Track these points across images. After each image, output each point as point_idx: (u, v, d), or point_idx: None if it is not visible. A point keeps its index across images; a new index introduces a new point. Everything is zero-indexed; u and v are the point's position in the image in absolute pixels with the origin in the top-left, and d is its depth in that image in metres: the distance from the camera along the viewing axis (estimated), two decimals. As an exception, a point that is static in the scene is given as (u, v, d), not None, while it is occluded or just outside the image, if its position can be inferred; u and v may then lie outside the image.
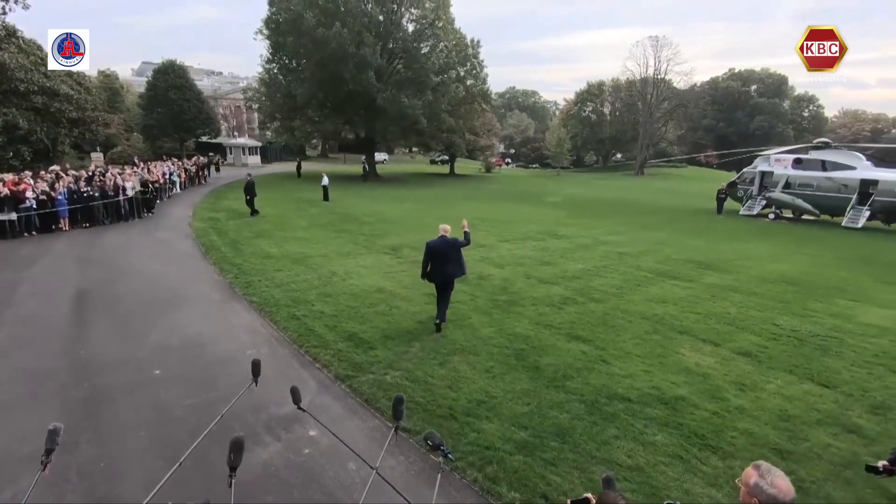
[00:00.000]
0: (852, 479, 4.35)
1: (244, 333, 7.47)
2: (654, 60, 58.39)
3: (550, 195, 31.47)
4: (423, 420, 5.09)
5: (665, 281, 10.96)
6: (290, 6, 33.04)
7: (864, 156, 24.04)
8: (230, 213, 18.69)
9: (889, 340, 7.76)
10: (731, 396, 5.78)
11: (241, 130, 58.13)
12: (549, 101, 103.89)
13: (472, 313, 8.35)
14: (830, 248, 16.52)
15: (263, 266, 11.00)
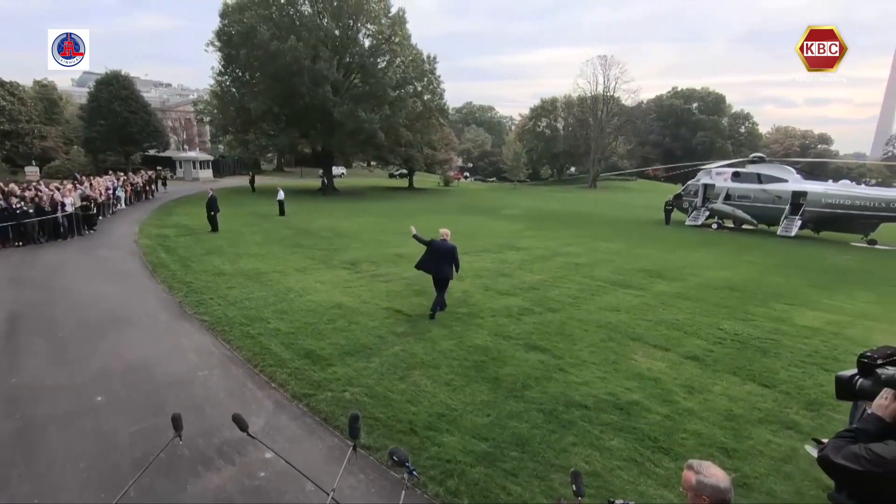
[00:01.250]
0: (791, 472, 4.62)
1: (195, 354, 7.16)
2: (604, 78, 61.17)
3: (508, 208, 32.05)
4: (384, 436, 5.03)
5: (618, 290, 11.35)
6: (242, 19, 32.50)
7: (794, 169, 25.95)
8: (180, 229, 17.97)
9: (820, 341, 8.33)
10: (680, 399, 6.03)
11: (191, 144, 56.16)
12: (505, 117, 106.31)
13: (432, 326, 8.36)
14: (767, 256, 17.61)
15: (216, 284, 10.62)
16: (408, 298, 10.00)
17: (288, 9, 34.47)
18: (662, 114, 77.61)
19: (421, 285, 11.00)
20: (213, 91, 37.79)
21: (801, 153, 73.30)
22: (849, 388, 2.00)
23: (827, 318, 9.76)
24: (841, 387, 2.08)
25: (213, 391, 6.04)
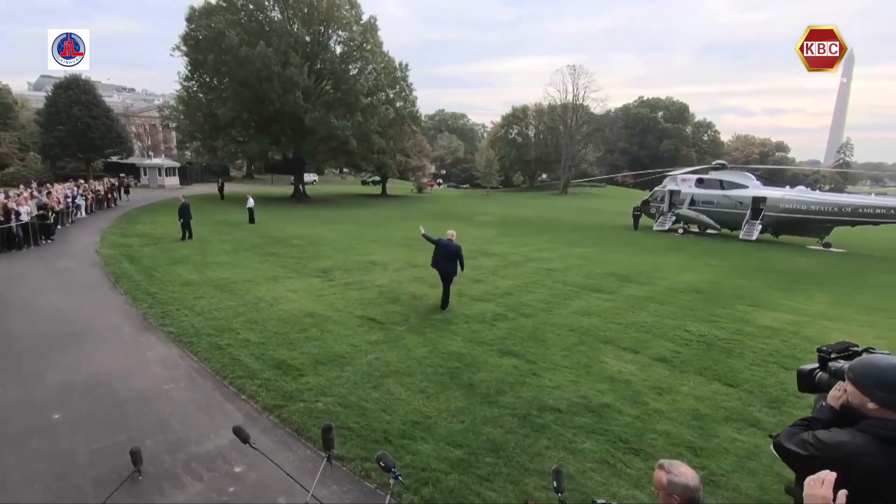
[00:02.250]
0: (755, 468, 4.78)
1: (160, 367, 6.93)
2: (573, 87, 62.42)
3: (481, 214, 32.27)
4: (357, 446, 4.97)
5: (590, 294, 11.55)
6: (210, 23, 31.93)
7: (754, 176, 26.99)
8: (145, 238, 17.41)
9: (780, 340, 8.66)
10: (650, 400, 6.17)
11: (156, 150, 54.61)
12: (477, 124, 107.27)
13: (407, 334, 8.32)
14: (731, 259, 18.24)
15: (182, 294, 10.32)
16: (381, 306, 9.93)
17: (257, 14, 34.07)
18: (630, 122, 79.83)
19: (394, 293, 10.97)
20: (179, 96, 36.92)
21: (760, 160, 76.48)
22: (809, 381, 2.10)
23: (786, 319, 10.15)
24: (802, 380, 2.18)
25: (180, 405, 5.86)
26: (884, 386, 1.69)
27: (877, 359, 1.80)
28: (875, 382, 1.71)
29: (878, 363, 1.76)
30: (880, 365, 1.74)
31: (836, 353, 2.05)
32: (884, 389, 1.69)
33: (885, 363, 1.74)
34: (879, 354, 1.88)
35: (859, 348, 2.04)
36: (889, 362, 1.73)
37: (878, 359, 1.80)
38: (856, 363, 1.84)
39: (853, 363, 1.86)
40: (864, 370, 1.77)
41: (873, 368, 1.74)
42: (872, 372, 1.74)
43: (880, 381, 1.70)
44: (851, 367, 1.83)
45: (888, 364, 1.72)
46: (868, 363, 1.79)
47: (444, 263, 9.68)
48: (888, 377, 1.69)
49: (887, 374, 1.69)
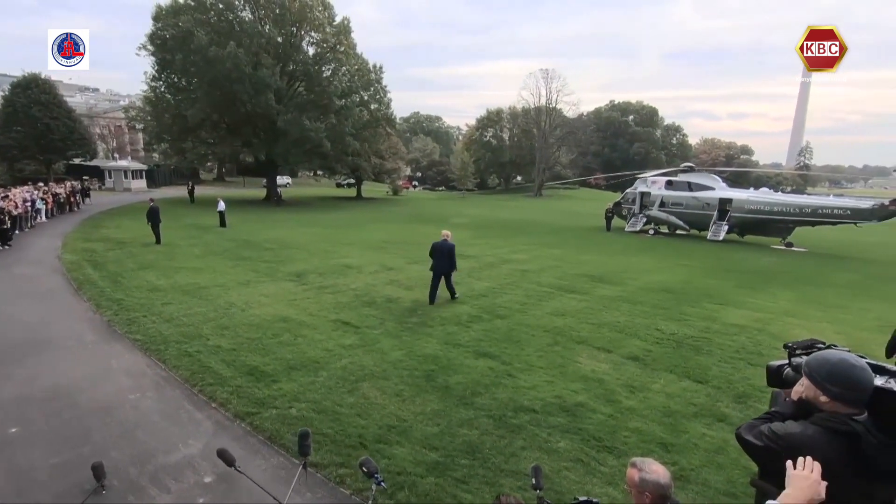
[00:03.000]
0: (723, 462, 4.91)
1: (125, 377, 6.69)
2: (546, 91, 63.20)
3: (456, 217, 32.35)
4: (332, 452, 4.90)
5: (564, 295, 11.69)
6: (177, 22, 31.14)
7: (720, 178, 27.84)
8: (110, 243, 16.83)
9: (746, 337, 8.95)
10: (623, 398, 6.28)
11: (122, 152, 52.91)
12: (452, 126, 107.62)
13: (382, 337, 8.26)
14: (699, 259, 18.75)
15: (149, 300, 10.01)
16: (356, 310, 9.84)
17: (227, 14, 33.45)
18: (601, 125, 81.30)
19: (369, 296, 10.88)
20: (146, 97, 35.90)
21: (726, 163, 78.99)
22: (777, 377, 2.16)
23: (752, 316, 10.49)
24: (771, 376, 2.25)
25: (146, 415, 5.67)
26: (834, 380, 1.75)
27: (830, 354, 1.86)
28: (826, 377, 1.78)
29: (830, 358, 1.81)
30: (832, 360, 1.80)
31: (802, 349, 2.13)
32: (834, 384, 1.75)
33: (836, 358, 1.80)
34: (835, 350, 1.95)
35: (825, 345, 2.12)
36: (840, 357, 1.79)
37: (831, 354, 1.86)
38: (811, 358, 1.90)
39: (809, 358, 1.92)
40: (817, 365, 1.83)
41: (825, 363, 1.80)
42: (824, 366, 1.80)
43: (831, 376, 1.76)
44: (807, 362, 1.90)
45: (839, 359, 1.78)
46: (821, 358, 1.85)
47: (440, 263, 10.34)
48: (838, 372, 1.75)
49: (837, 369, 1.75)
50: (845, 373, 1.74)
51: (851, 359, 1.77)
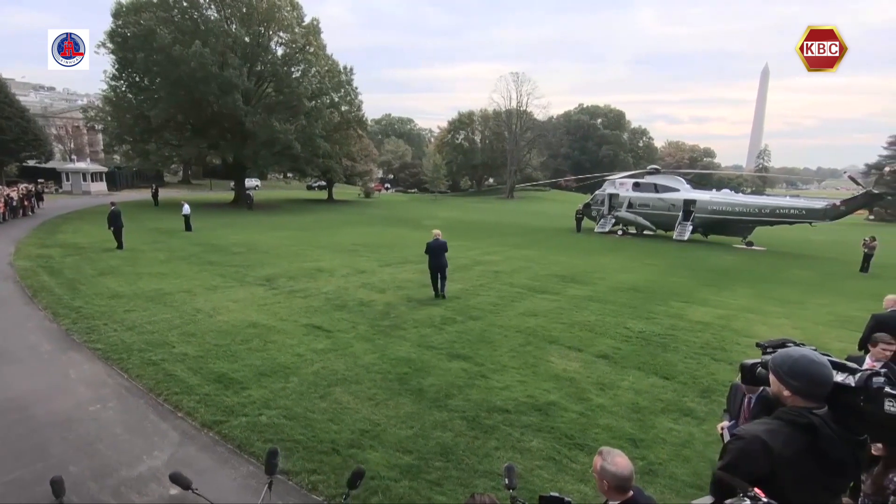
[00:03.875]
0: (689, 456, 5.06)
1: (85, 387, 6.42)
2: (517, 94, 64.03)
3: (429, 219, 32.32)
4: (304, 459, 4.82)
5: (535, 295, 11.84)
6: (139, 20, 30.10)
7: (685, 180, 28.73)
8: (67, 248, 16.14)
9: (711, 334, 9.25)
10: (593, 396, 6.39)
11: (80, 154, 50.73)
12: (424, 129, 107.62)
13: (354, 341, 8.18)
14: (665, 259, 19.29)
15: (110, 307, 9.64)
16: (328, 314, 9.72)
17: (191, 12, 32.60)
18: (571, 128, 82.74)
19: (342, 300, 10.77)
20: (106, 96, 34.51)
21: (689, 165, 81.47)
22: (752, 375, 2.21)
23: (716, 314, 10.86)
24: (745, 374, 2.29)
25: (108, 426, 5.45)
26: (795, 375, 1.83)
27: (793, 350, 1.94)
28: (788, 371, 1.86)
29: (793, 354, 1.89)
30: (794, 356, 1.87)
31: (773, 347, 2.20)
32: (795, 378, 1.83)
33: (797, 354, 1.87)
34: (798, 347, 2.01)
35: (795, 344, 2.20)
36: (801, 353, 1.87)
37: (794, 350, 1.94)
38: (776, 355, 1.98)
39: (774, 355, 1.99)
40: (780, 360, 1.91)
41: (788, 359, 1.88)
42: (787, 362, 1.88)
43: (792, 371, 1.84)
44: (772, 358, 1.97)
45: (800, 355, 1.86)
46: (784, 354, 1.93)
47: (437, 260, 11.12)
48: (799, 367, 1.83)
49: (798, 365, 1.83)
50: (805, 368, 1.81)
51: (812, 355, 1.84)
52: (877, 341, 4.47)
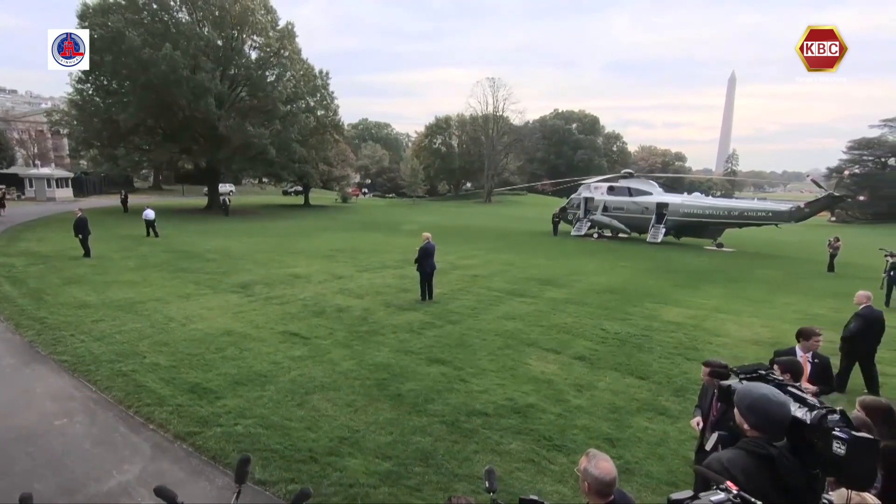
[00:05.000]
0: (664, 454, 5.16)
1: (51, 401, 6.19)
2: (493, 99, 64.54)
3: (407, 223, 32.27)
4: (281, 468, 4.74)
5: (513, 299, 11.93)
6: (106, 22, 29.31)
7: (657, 183, 29.40)
8: (31, 257, 15.55)
9: (684, 334, 9.47)
10: (571, 398, 6.47)
11: (45, 159, 49.04)
12: (401, 133, 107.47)
13: (332, 348, 8.10)
14: (640, 261, 19.67)
15: (77, 318, 9.32)
16: (305, 320, 9.60)
17: (161, 14, 31.92)
18: (547, 133, 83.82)
19: (319, 306, 10.65)
20: (71, 100, 33.45)
21: (662, 169, 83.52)
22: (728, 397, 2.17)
23: (688, 314, 11.12)
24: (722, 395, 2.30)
25: (75, 441, 5.27)
26: (753, 412, 1.90)
27: (754, 387, 1.97)
28: (746, 408, 1.93)
29: (752, 391, 1.94)
30: (754, 393, 1.93)
31: (745, 374, 2.24)
32: (752, 414, 1.90)
33: (757, 393, 1.92)
34: (759, 385, 2.02)
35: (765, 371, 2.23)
36: (761, 392, 1.91)
37: (754, 387, 1.97)
38: (740, 388, 2.02)
39: (738, 388, 2.04)
40: (741, 397, 1.97)
41: (748, 395, 1.94)
42: (747, 398, 1.94)
43: (750, 408, 1.91)
44: (736, 391, 2.02)
45: (760, 394, 1.90)
46: (745, 390, 1.98)
47: (430, 262, 11.40)
48: (756, 406, 1.89)
49: (756, 404, 1.89)
50: (762, 408, 1.87)
51: (771, 394, 1.89)
52: (810, 334, 4.96)
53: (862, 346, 6.90)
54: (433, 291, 11.69)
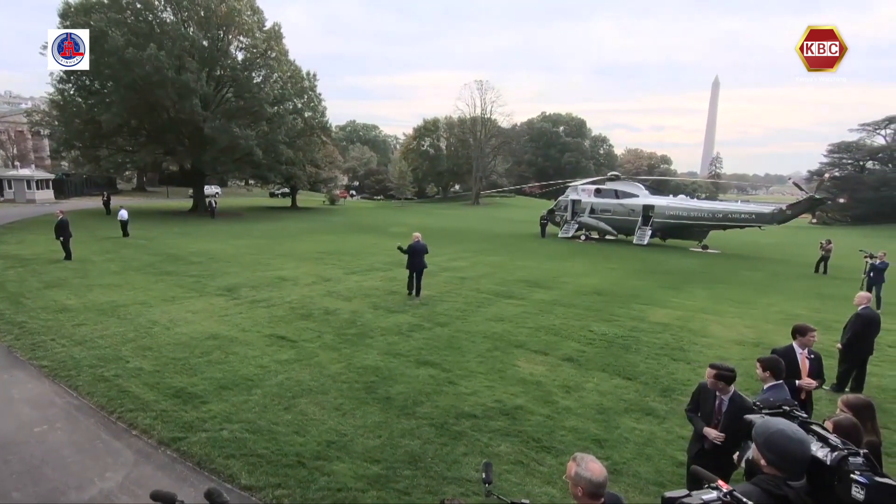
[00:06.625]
0: (651, 454, 5.20)
1: (29, 408, 6.04)
2: (481, 101, 64.78)
3: (395, 226, 32.20)
4: (267, 473, 4.68)
5: (502, 300, 11.95)
6: (89, 21, 28.80)
7: (643, 186, 29.72)
8: (10, 260, 15.19)
9: (670, 335, 9.56)
10: (559, 399, 6.49)
11: (24, 160, 47.99)
12: (389, 136, 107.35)
13: (320, 351, 8.04)
14: (626, 263, 19.85)
15: (58, 322, 9.12)
16: (292, 323, 9.51)
17: (145, 14, 31.46)
18: (534, 135, 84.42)
19: (306, 308, 10.56)
20: (52, 100, 32.84)
21: (648, 171, 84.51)
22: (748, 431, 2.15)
23: (674, 315, 11.24)
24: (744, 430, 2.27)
25: (55, 448, 5.15)
26: (770, 449, 1.88)
27: (772, 421, 1.96)
28: (763, 444, 1.90)
29: (770, 427, 1.92)
30: (771, 429, 1.91)
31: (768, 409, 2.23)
32: (770, 451, 1.88)
33: (775, 428, 1.90)
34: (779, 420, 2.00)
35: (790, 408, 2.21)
36: (778, 428, 1.89)
37: (773, 422, 1.96)
38: (758, 423, 2.00)
39: (757, 423, 2.02)
40: (759, 431, 1.95)
41: (766, 431, 1.92)
42: (763, 434, 1.91)
43: (768, 444, 1.88)
44: (755, 427, 2.00)
45: (777, 430, 1.88)
46: (763, 425, 1.95)
47: (417, 261, 11.75)
48: (774, 442, 1.86)
49: (773, 439, 1.87)
50: (780, 444, 1.84)
51: (790, 430, 1.85)
52: (805, 331, 4.97)
53: (863, 346, 7.05)
54: (420, 290, 11.89)
